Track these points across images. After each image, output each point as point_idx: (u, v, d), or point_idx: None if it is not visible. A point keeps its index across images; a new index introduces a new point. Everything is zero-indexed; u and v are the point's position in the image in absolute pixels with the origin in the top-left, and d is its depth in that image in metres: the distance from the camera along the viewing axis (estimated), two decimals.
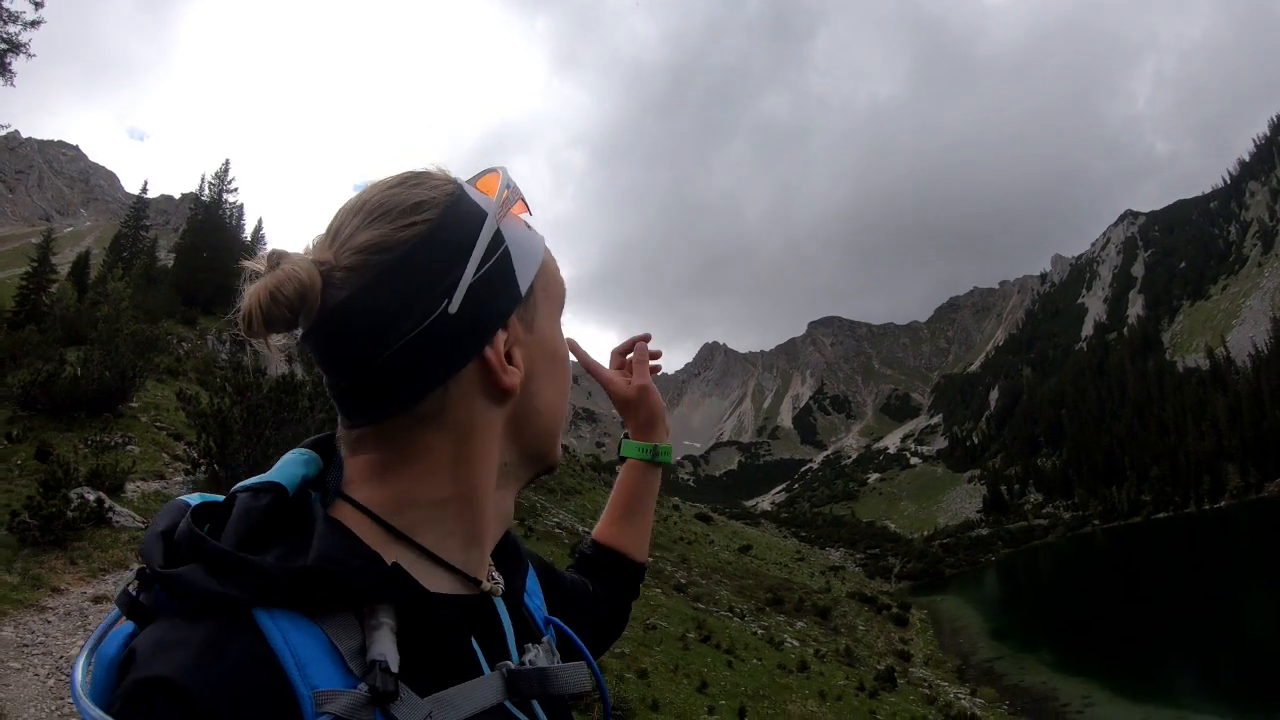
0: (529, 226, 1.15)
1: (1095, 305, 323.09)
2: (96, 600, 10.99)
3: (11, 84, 36.82)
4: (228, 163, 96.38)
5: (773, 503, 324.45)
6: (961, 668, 52.86)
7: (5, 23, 35.90)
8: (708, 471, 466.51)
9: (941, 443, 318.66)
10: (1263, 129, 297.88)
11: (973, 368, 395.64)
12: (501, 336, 1.07)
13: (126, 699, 0.79)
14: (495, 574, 1.15)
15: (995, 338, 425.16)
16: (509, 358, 1.07)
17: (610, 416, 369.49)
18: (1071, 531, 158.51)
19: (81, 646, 1.00)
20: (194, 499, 1.05)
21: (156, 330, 44.65)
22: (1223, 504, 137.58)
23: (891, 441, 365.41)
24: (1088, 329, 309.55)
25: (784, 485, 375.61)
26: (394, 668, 0.85)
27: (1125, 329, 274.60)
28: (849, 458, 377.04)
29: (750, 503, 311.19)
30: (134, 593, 0.93)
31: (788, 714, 25.33)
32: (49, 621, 10.04)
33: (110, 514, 14.52)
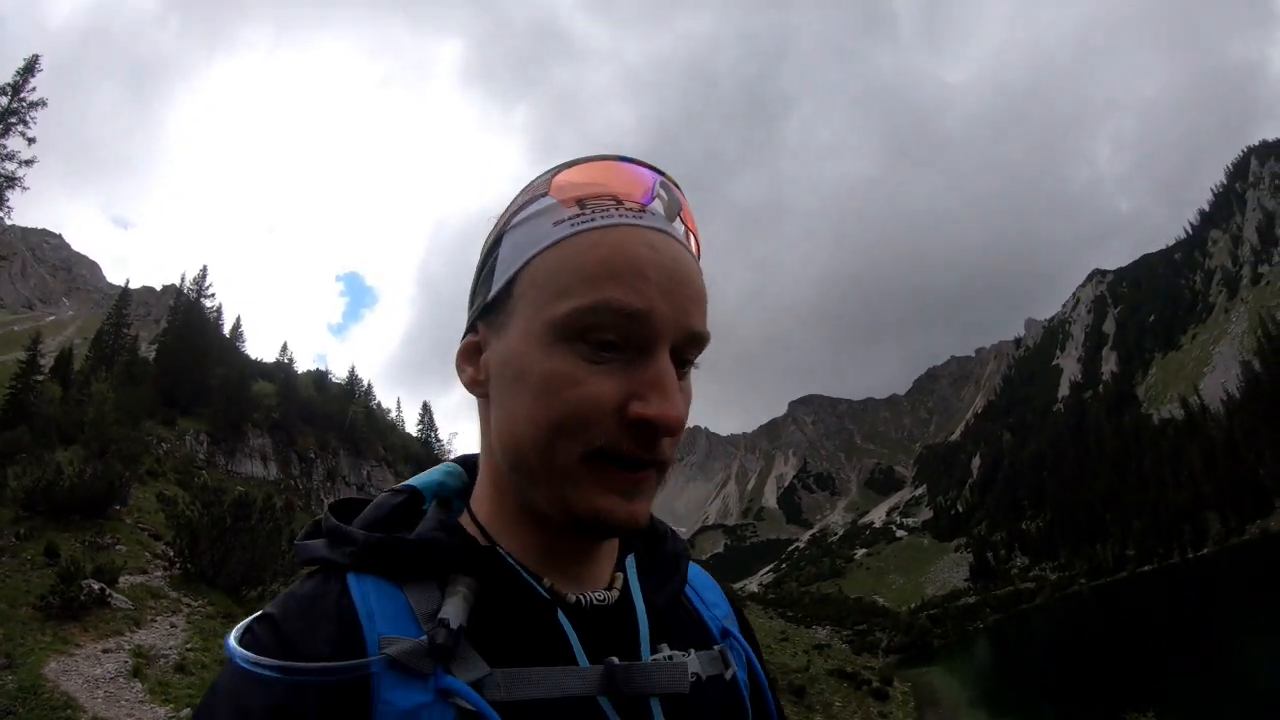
0: (577, 217, 1.03)
1: (1070, 365, 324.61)
2: (104, 651, 16.03)
3: (9, 217, 38.31)
4: (205, 269, 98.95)
5: (760, 584, 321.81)
6: None
7: (4, 160, 37.20)
8: (694, 556, 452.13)
9: (927, 513, 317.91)
10: (1220, 178, 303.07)
11: (954, 437, 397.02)
12: (471, 339, 1.12)
13: (245, 629, 0.97)
14: (617, 585, 1.16)
15: (975, 405, 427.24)
16: (477, 358, 1.11)
17: None
18: (1059, 592, 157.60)
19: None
20: (362, 498, 1.20)
21: (138, 433, 49.01)
22: (1205, 551, 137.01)
23: (877, 515, 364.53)
24: (1064, 389, 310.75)
25: (771, 566, 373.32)
26: (455, 625, 0.93)
27: (1100, 386, 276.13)
28: (835, 534, 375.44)
29: (738, 585, 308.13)
30: None
31: None
32: (75, 660, 15.16)
33: (110, 599, 19.12)
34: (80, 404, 47.55)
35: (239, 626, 0.98)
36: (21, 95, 37.87)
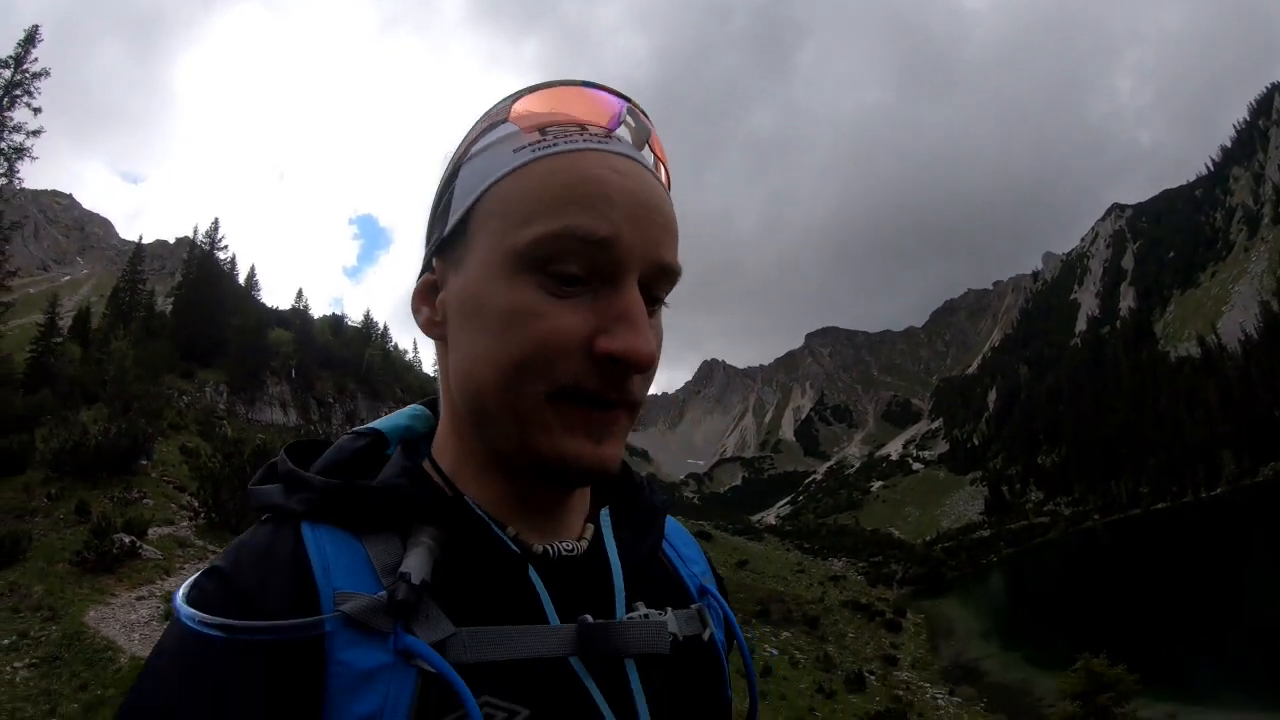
0: (538, 143, 0.97)
1: (1088, 300, 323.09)
2: (138, 598, 17.45)
3: (20, 184, 38.80)
4: (216, 221, 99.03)
5: (777, 516, 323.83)
6: (947, 668, 53.07)
7: (10, 132, 37.58)
8: (712, 489, 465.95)
9: (943, 446, 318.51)
10: (1243, 114, 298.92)
11: (971, 370, 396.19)
12: (427, 278, 1.06)
13: (192, 583, 0.90)
14: (587, 536, 1.10)
15: (992, 338, 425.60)
16: (434, 298, 1.05)
17: None
18: (1072, 527, 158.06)
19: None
20: (321, 440, 1.15)
21: (158, 388, 49.83)
22: (1219, 491, 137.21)
23: (894, 448, 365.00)
24: (1081, 324, 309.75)
25: (789, 498, 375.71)
26: (417, 580, 0.86)
27: (1118, 322, 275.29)
28: (852, 467, 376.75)
29: (755, 518, 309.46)
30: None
31: None
32: (112, 608, 16.46)
33: (140, 550, 20.29)
34: (100, 363, 48.49)
35: (188, 581, 0.93)
36: (24, 66, 38.12)
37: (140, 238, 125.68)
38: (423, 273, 1.08)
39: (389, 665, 0.84)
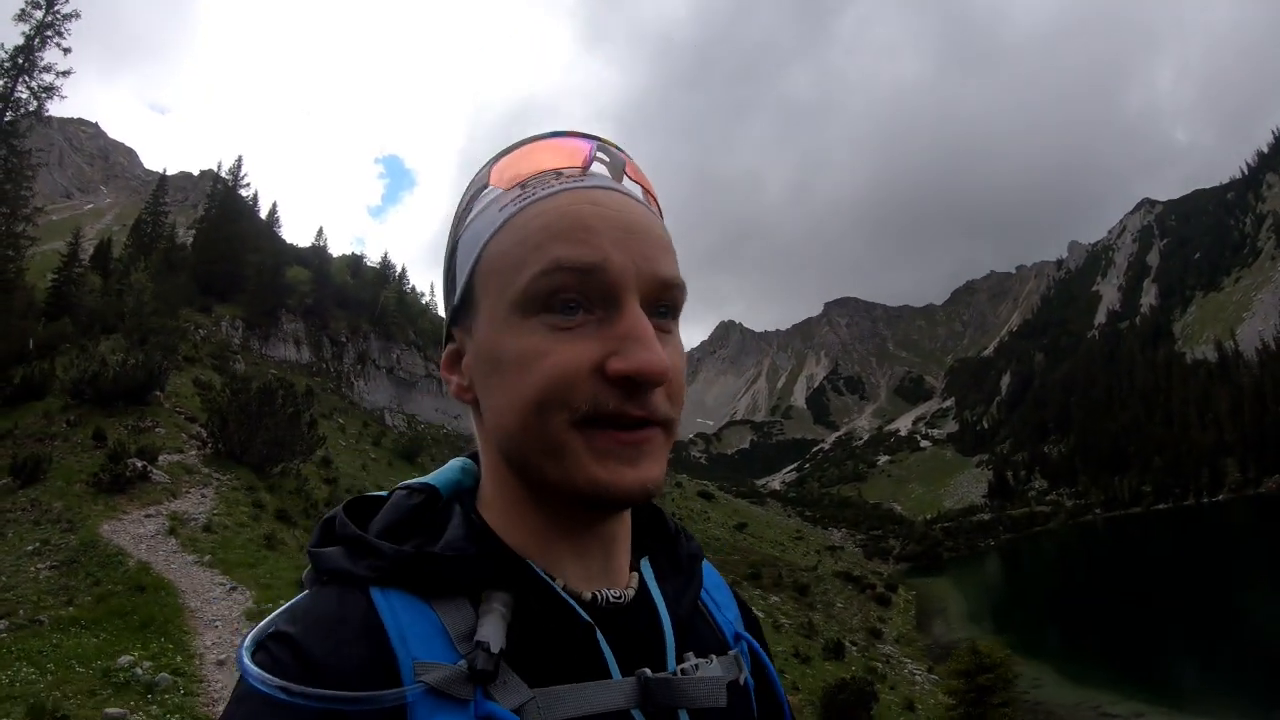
0: (520, 197, 1.02)
1: (1109, 293, 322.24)
2: (147, 516, 18.90)
3: (49, 130, 39.30)
4: (240, 159, 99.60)
5: (782, 482, 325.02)
6: (930, 646, 53.93)
7: (41, 72, 38.23)
8: (720, 449, 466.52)
9: (953, 426, 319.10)
10: None
11: (987, 352, 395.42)
12: (450, 348, 1.11)
13: (255, 645, 0.91)
14: (633, 584, 1.13)
15: (1010, 322, 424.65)
16: (459, 366, 1.09)
17: None
18: (1072, 519, 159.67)
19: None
20: (374, 494, 1.16)
21: (175, 322, 50.95)
22: (1221, 497, 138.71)
23: (903, 424, 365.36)
24: (1101, 317, 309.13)
25: (795, 465, 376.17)
26: (495, 649, 0.88)
27: (1138, 318, 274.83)
28: (860, 439, 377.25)
29: (760, 481, 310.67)
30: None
31: None
32: (123, 523, 18.00)
33: (150, 474, 21.72)
34: (120, 294, 49.55)
35: (249, 640, 0.94)
36: (56, 7, 38.47)
37: (164, 170, 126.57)
38: (445, 343, 1.12)
39: None
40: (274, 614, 1.02)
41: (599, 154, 1.06)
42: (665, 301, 1.01)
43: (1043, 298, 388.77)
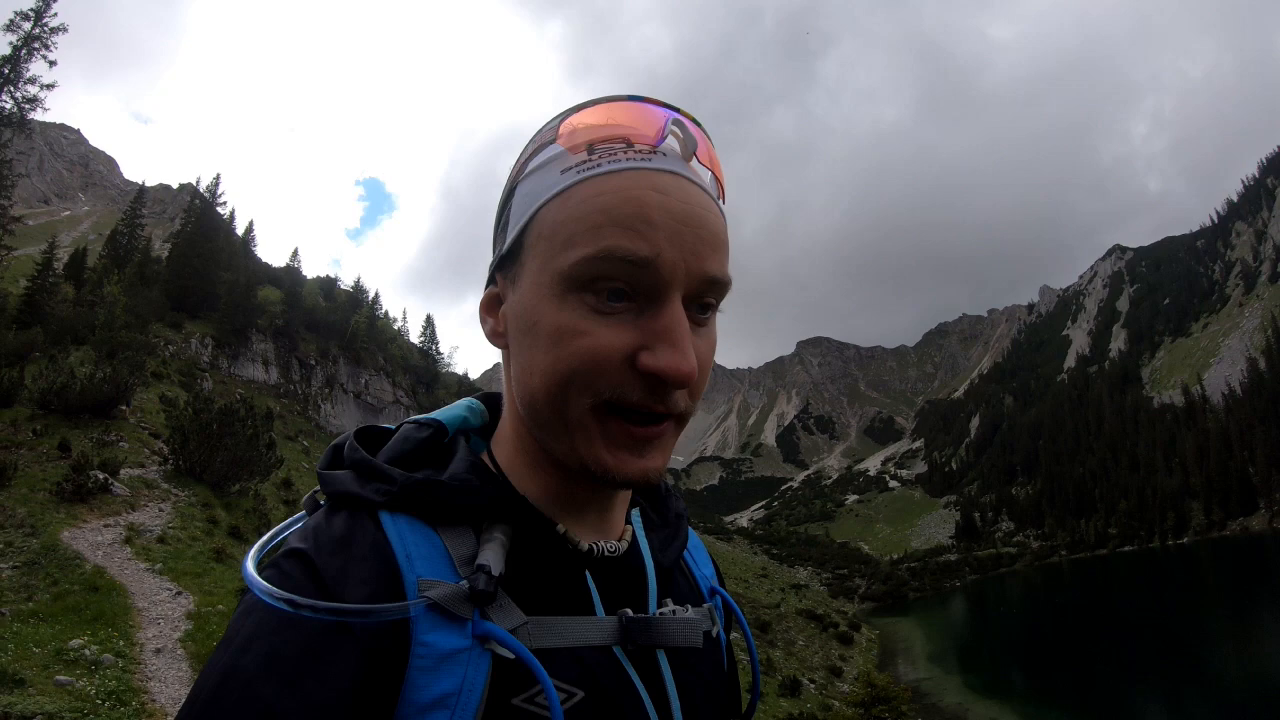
0: (584, 164, 1.01)
1: (1079, 337, 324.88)
2: (105, 525, 19.47)
3: (30, 137, 39.48)
4: (218, 177, 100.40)
5: (750, 519, 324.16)
6: (890, 685, 54.00)
7: (26, 84, 38.34)
8: (689, 485, 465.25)
9: (921, 467, 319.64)
10: (1253, 171, 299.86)
11: (957, 394, 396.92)
12: (490, 291, 1.14)
13: (270, 563, 0.96)
14: (627, 538, 1.19)
15: (981, 365, 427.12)
16: (497, 310, 1.12)
17: None
18: (1038, 561, 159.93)
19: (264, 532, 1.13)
20: (383, 426, 1.23)
21: (145, 338, 51.20)
22: (1185, 540, 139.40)
23: (872, 464, 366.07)
24: (1070, 361, 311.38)
25: (763, 502, 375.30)
26: (494, 572, 0.95)
27: (1106, 362, 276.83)
28: (829, 478, 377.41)
29: (728, 518, 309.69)
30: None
31: None
32: (83, 531, 18.56)
33: (111, 487, 22.15)
34: (92, 305, 50.01)
35: (253, 558, 0.99)
36: (44, 21, 38.69)
37: (143, 183, 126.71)
38: (488, 285, 1.15)
39: (467, 648, 0.93)
40: (277, 530, 1.12)
41: (673, 128, 1.05)
42: (709, 298, 1.02)
43: (1013, 341, 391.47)
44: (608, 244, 0.95)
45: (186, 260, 78.16)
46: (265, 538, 1.10)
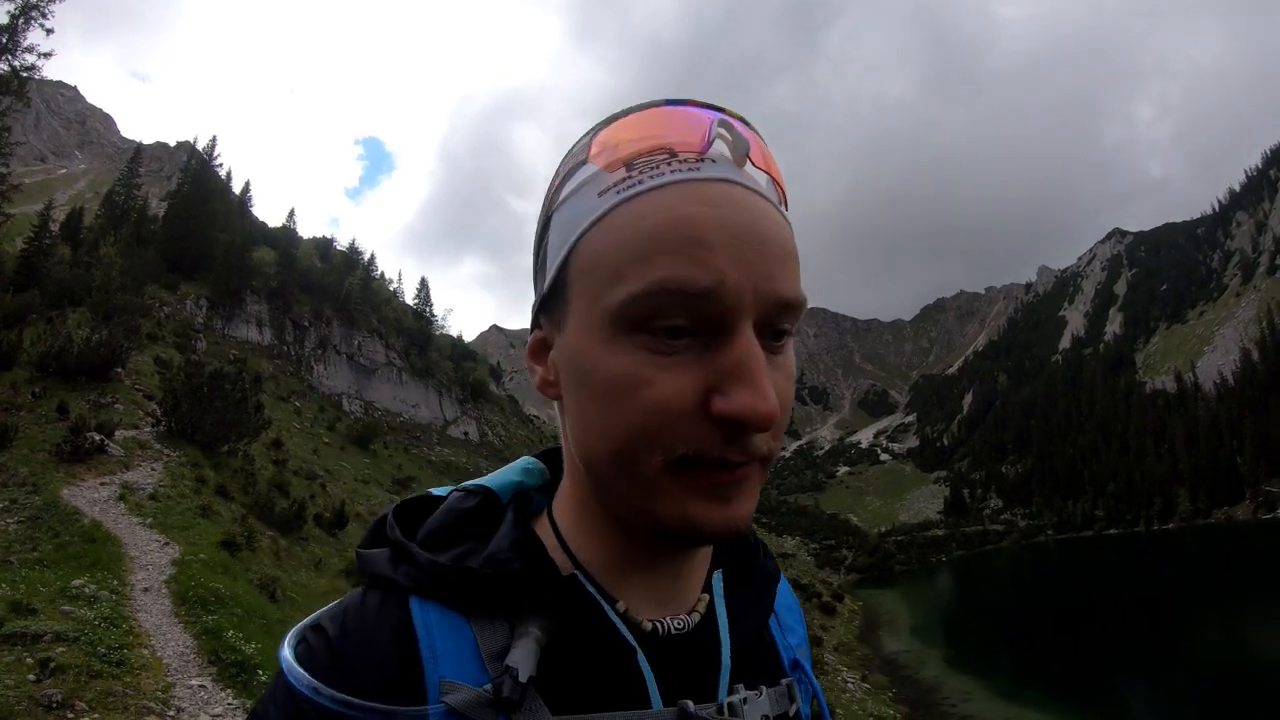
0: (623, 183, 0.86)
1: (1075, 319, 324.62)
2: (101, 484, 20.71)
3: (29, 107, 39.62)
4: (215, 139, 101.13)
5: None
6: (868, 656, 54.58)
7: (24, 53, 38.53)
8: None
9: (913, 441, 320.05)
10: (1257, 161, 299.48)
11: (951, 370, 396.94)
12: (537, 335, 1.00)
13: (294, 634, 0.92)
14: (700, 609, 1.03)
15: (976, 342, 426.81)
16: (545, 356, 0.98)
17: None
18: (1025, 540, 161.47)
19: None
20: (437, 492, 1.11)
21: (140, 300, 52.18)
22: (1171, 526, 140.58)
23: (865, 436, 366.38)
24: (1065, 342, 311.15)
25: None
26: (523, 677, 0.83)
27: (1101, 345, 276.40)
28: (822, 449, 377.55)
29: None
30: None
31: None
32: (81, 489, 19.81)
33: (107, 448, 23.36)
34: (89, 267, 50.61)
35: (295, 631, 0.94)
36: None
37: (140, 143, 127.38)
38: (533, 329, 1.02)
39: None
40: (324, 609, 1.00)
41: (720, 130, 0.90)
42: (783, 321, 0.87)
43: (1010, 320, 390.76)
44: (660, 276, 0.80)
45: (182, 221, 78.85)
46: (313, 616, 1.00)
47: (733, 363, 0.80)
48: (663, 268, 0.80)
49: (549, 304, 0.95)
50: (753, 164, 0.91)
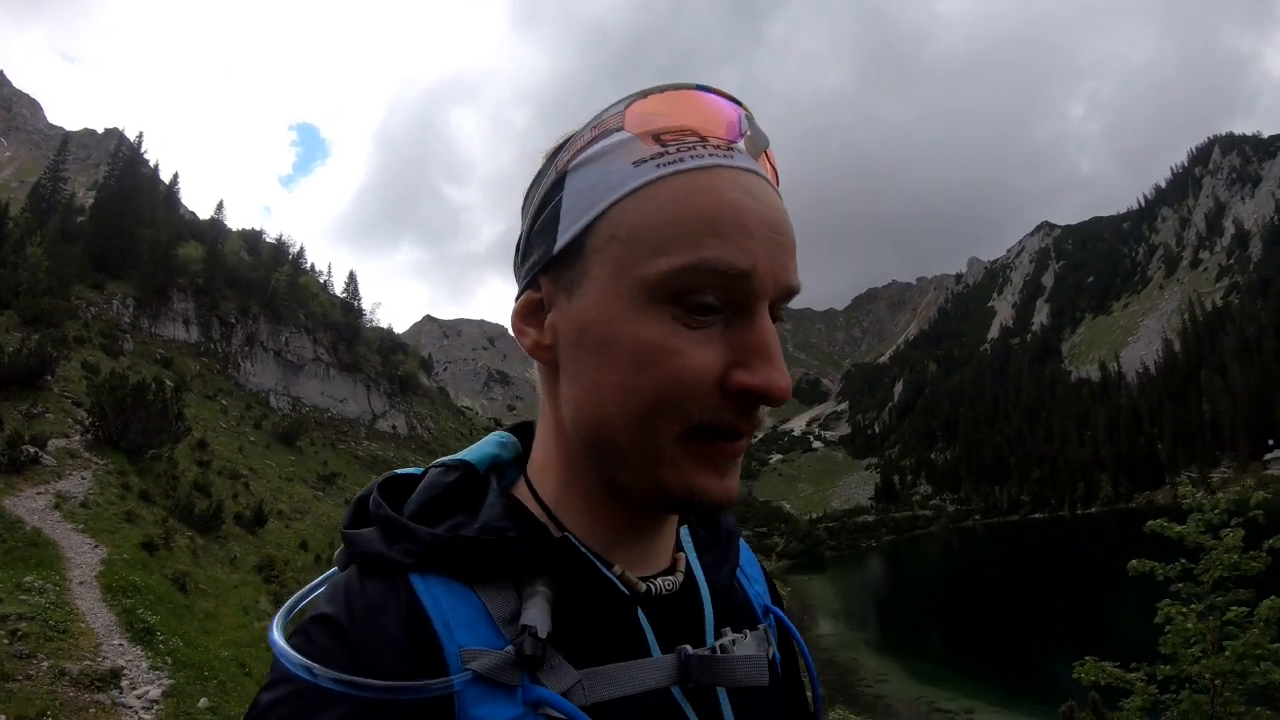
0: (660, 156, 0.87)
1: (1004, 309, 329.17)
2: (38, 493, 21.52)
3: None
4: (142, 135, 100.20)
5: None
6: None
7: None
8: None
9: (845, 429, 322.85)
10: (1183, 159, 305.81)
11: (883, 359, 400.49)
12: (531, 296, 0.97)
13: (298, 630, 0.88)
14: (680, 567, 1.06)
15: (907, 332, 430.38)
16: (540, 319, 0.97)
17: (524, 380, 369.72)
18: (953, 524, 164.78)
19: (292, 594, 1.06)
20: (407, 471, 1.10)
21: (67, 302, 52.60)
22: (1093, 510, 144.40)
23: (798, 424, 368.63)
24: (994, 331, 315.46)
25: None
26: (543, 634, 0.84)
27: (1029, 335, 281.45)
28: (755, 437, 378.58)
29: None
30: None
31: None
32: (20, 499, 20.41)
33: (41, 459, 24.12)
34: (15, 268, 50.73)
35: (280, 622, 0.93)
36: None
37: (66, 134, 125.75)
38: (523, 290, 0.99)
39: (519, 717, 0.83)
40: (304, 592, 1.03)
41: (745, 125, 0.94)
42: (782, 306, 0.92)
43: (940, 310, 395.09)
44: (708, 255, 0.83)
45: (109, 219, 78.24)
46: (294, 599, 1.03)
47: (755, 341, 0.85)
48: (711, 248, 0.82)
49: (557, 265, 0.93)
50: (766, 159, 0.97)
